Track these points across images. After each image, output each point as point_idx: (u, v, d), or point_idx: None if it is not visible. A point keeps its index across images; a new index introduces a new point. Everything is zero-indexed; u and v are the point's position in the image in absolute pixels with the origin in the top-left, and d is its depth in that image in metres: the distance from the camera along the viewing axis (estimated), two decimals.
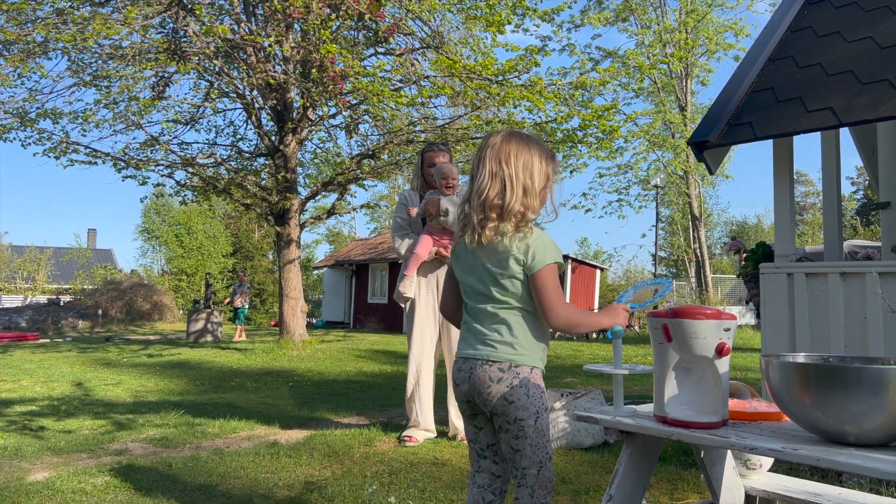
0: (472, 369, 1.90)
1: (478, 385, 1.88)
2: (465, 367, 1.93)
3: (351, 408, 5.75)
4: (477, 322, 1.93)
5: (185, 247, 32.00)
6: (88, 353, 11.43)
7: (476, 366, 1.89)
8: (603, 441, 4.06)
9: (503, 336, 1.89)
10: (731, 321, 1.73)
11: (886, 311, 3.25)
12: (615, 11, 24.89)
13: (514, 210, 1.84)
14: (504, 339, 1.89)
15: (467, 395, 1.93)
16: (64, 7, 10.07)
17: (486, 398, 1.88)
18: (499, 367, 1.88)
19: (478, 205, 1.85)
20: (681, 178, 25.39)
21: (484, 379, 1.88)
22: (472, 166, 1.93)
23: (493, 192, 1.84)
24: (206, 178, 12.55)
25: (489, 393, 1.87)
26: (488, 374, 1.87)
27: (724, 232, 45.44)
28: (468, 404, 1.95)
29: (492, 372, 1.88)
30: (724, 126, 3.60)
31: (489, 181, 1.85)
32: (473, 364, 1.90)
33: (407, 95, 10.40)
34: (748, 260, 4.09)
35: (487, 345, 1.89)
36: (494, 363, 1.88)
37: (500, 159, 1.86)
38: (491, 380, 1.87)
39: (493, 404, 1.88)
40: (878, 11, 3.73)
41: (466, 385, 1.91)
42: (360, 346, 13.14)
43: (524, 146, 1.89)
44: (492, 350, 1.89)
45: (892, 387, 1.43)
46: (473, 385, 1.90)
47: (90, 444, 4.28)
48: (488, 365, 1.88)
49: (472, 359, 1.90)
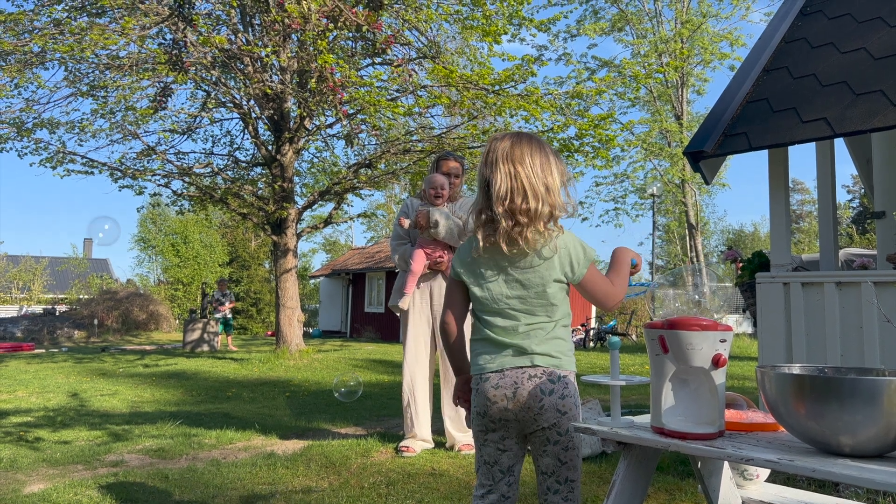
0: (516, 384, 1.79)
1: (527, 400, 1.79)
2: (504, 382, 1.80)
3: (348, 418, 5.74)
4: (507, 335, 1.83)
5: (181, 256, 31.95)
6: (84, 364, 11.39)
7: (523, 379, 1.79)
8: (600, 451, 4.06)
9: (544, 344, 1.82)
10: (726, 332, 1.74)
11: (882, 321, 3.26)
12: (611, 21, 25.02)
13: (543, 213, 1.77)
14: (546, 349, 1.82)
15: (507, 412, 1.81)
16: (61, 18, 10.09)
17: (538, 412, 1.80)
18: (548, 377, 1.80)
19: (504, 211, 1.75)
20: (677, 187, 25.46)
21: (535, 392, 1.79)
22: (483, 172, 1.82)
23: (518, 197, 1.75)
24: (202, 187, 12.56)
25: (541, 406, 1.79)
26: (539, 387, 1.79)
27: (721, 240, 45.56)
28: (500, 422, 1.83)
29: (543, 384, 1.79)
30: (719, 136, 3.62)
31: (510, 184, 1.76)
32: (518, 377, 1.79)
33: (404, 105, 10.43)
34: (744, 269, 4.10)
35: (529, 354, 1.81)
36: (543, 374, 1.80)
37: (515, 161, 1.78)
38: (543, 392, 1.79)
39: (544, 417, 1.80)
40: (871, 23, 3.76)
41: (509, 402, 1.80)
42: (356, 355, 13.12)
43: (535, 145, 1.82)
44: (540, 359, 1.81)
45: (886, 398, 1.43)
46: (519, 400, 1.79)
47: (86, 455, 4.26)
48: (537, 378, 1.79)
49: (515, 369, 1.80)
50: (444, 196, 4.23)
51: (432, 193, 4.21)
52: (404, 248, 4.35)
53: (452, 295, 1.95)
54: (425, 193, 4.30)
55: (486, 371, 1.84)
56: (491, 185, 1.79)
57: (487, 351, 1.86)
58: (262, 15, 10.28)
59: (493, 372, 1.83)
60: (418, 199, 4.45)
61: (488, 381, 1.83)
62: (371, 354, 13.42)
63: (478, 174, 1.86)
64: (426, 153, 11.76)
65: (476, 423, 1.90)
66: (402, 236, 4.40)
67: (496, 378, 1.82)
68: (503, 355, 1.83)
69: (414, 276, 4.21)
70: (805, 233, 41.07)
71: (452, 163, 4.44)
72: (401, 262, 4.34)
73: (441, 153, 4.62)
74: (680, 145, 23.63)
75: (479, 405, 1.87)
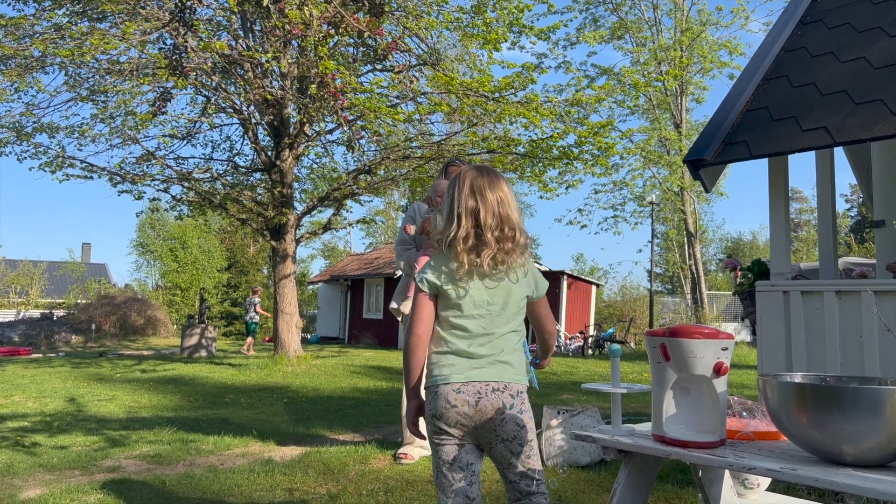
0: (479, 394, 1.88)
1: (489, 412, 1.88)
2: (467, 389, 1.89)
3: (346, 424, 5.72)
4: (480, 344, 1.92)
5: (179, 261, 31.92)
6: (81, 369, 11.36)
7: (487, 391, 1.89)
8: (600, 459, 4.05)
9: (509, 359, 1.94)
10: (728, 340, 1.74)
11: (882, 330, 3.26)
12: (610, 29, 25.11)
13: (522, 242, 1.94)
14: (510, 362, 1.93)
15: (465, 418, 1.89)
16: (62, 22, 10.10)
17: (499, 424, 1.89)
18: (510, 392, 1.91)
19: (495, 238, 1.90)
20: (676, 195, 25.48)
21: (498, 406, 1.89)
22: (464, 201, 1.94)
23: (506, 226, 1.91)
24: (202, 192, 12.55)
25: (502, 419, 1.89)
26: (502, 401, 1.89)
27: (720, 248, 45.57)
28: (456, 426, 1.90)
29: (505, 399, 1.90)
30: (719, 144, 3.62)
31: (499, 212, 1.92)
32: (482, 388, 1.89)
33: (404, 112, 10.45)
34: (744, 277, 4.10)
35: (497, 365, 1.92)
36: (505, 389, 1.90)
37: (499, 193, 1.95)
38: (504, 406, 1.89)
39: (504, 430, 1.90)
40: (870, 32, 3.77)
41: (470, 409, 1.88)
42: (355, 361, 13.09)
43: (506, 181, 2.01)
44: (501, 374, 1.91)
45: (888, 407, 1.43)
46: (481, 410, 1.88)
47: (83, 460, 4.24)
48: (500, 391, 1.89)
49: (481, 382, 1.89)
50: None
51: (439, 201, 4.16)
52: (409, 252, 4.36)
53: (424, 310, 1.97)
54: (431, 199, 4.28)
55: (449, 381, 1.90)
56: (479, 213, 1.91)
57: (454, 362, 1.92)
58: (263, 21, 10.30)
59: (459, 381, 1.90)
60: (425, 203, 4.43)
61: (449, 386, 1.90)
62: (369, 361, 13.39)
63: (454, 201, 1.96)
64: (426, 160, 11.76)
65: (431, 426, 1.95)
66: (407, 241, 4.39)
67: (459, 385, 1.90)
68: (471, 367, 1.91)
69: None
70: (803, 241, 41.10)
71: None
72: (405, 267, 4.35)
73: (451, 159, 4.53)
74: (679, 153, 23.67)
75: (435, 408, 1.92)
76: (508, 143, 10.97)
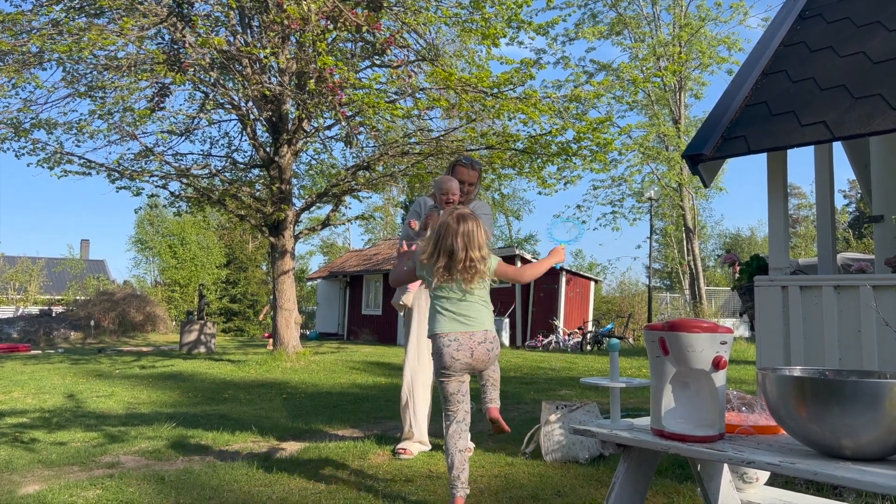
0: (472, 339, 2.95)
1: (481, 350, 2.97)
2: (462, 338, 2.95)
3: (345, 420, 5.73)
4: (463, 310, 2.97)
5: (178, 258, 31.89)
6: (80, 365, 11.36)
7: (477, 336, 2.96)
8: (599, 454, 4.05)
9: (487, 316, 3.03)
10: (727, 334, 1.74)
11: (881, 325, 3.26)
12: (609, 25, 25.09)
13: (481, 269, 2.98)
14: (487, 318, 3.03)
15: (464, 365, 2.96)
16: (59, 18, 10.07)
17: (485, 355, 2.99)
18: (491, 336, 3.02)
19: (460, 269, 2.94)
20: (675, 191, 25.50)
21: (486, 344, 2.99)
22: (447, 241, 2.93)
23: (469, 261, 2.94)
24: (200, 188, 12.54)
25: (488, 351, 3.00)
26: (488, 340, 3.00)
27: (718, 244, 45.59)
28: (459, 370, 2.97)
29: (488, 342, 3.00)
30: (718, 139, 3.61)
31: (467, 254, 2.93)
32: (473, 335, 2.96)
33: (402, 107, 10.43)
34: (742, 273, 4.10)
35: (481, 322, 2.99)
36: (489, 333, 3.01)
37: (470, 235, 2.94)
38: (489, 351, 3.01)
39: (489, 358, 3.01)
40: (870, 27, 3.77)
41: (468, 352, 2.95)
42: (354, 357, 13.10)
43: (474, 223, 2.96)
44: (484, 324, 3.00)
45: (888, 401, 1.43)
46: (476, 357, 2.96)
47: (82, 456, 4.24)
48: (483, 335, 2.98)
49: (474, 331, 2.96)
50: (453, 203, 4.12)
51: (443, 199, 4.07)
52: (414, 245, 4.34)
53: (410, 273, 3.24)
54: (435, 196, 4.23)
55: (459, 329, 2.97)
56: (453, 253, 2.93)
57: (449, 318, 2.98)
58: (261, 16, 10.28)
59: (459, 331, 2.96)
60: (431, 198, 4.40)
61: (449, 347, 2.95)
62: (368, 356, 13.40)
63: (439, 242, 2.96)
64: (424, 156, 11.75)
65: (441, 373, 3.00)
66: (411, 236, 4.37)
67: (455, 344, 2.95)
68: (460, 322, 2.97)
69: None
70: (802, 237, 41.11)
71: (469, 171, 4.30)
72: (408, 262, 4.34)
73: (459, 157, 4.41)
74: (677, 149, 23.67)
75: (443, 362, 2.96)
76: (507, 139, 10.97)
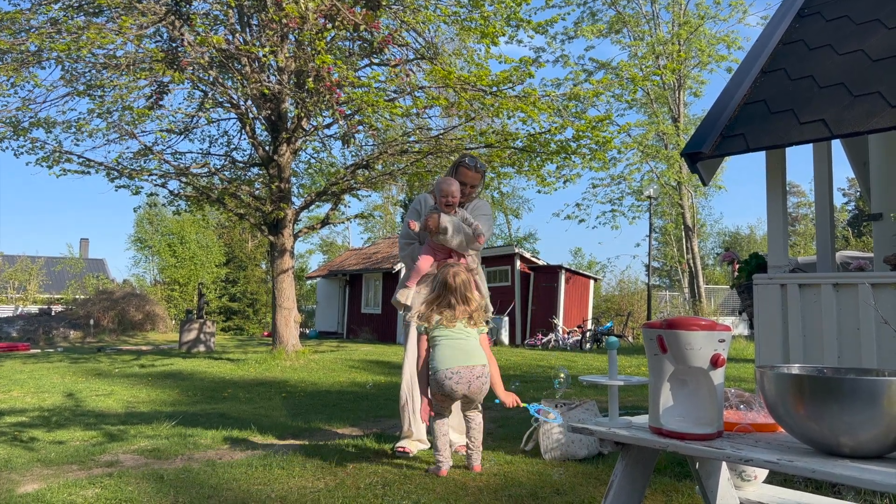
0: (471, 373, 3.59)
1: (477, 383, 3.60)
2: (464, 371, 3.59)
3: (344, 418, 5.73)
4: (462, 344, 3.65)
5: (177, 256, 31.87)
6: (80, 364, 11.36)
7: (476, 371, 3.61)
8: (597, 452, 4.05)
9: (482, 353, 3.69)
10: (725, 332, 1.74)
11: (879, 323, 3.26)
12: (608, 23, 25.07)
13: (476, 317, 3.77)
14: (482, 355, 3.69)
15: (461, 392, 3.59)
16: (58, 16, 10.06)
17: (480, 388, 3.62)
18: (487, 371, 3.66)
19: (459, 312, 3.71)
20: (674, 189, 25.50)
21: (482, 378, 3.63)
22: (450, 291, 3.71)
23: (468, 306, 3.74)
24: (199, 187, 12.53)
25: (482, 385, 3.63)
26: (484, 374, 3.64)
27: (717, 242, 45.61)
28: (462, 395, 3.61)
29: (484, 376, 3.64)
30: (717, 137, 3.61)
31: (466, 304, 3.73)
32: (472, 369, 3.60)
33: (401, 106, 10.42)
34: (741, 271, 4.10)
35: (479, 358, 3.65)
36: (485, 369, 3.65)
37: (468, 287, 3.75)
38: (484, 375, 3.64)
39: (482, 390, 3.63)
40: (868, 24, 3.76)
41: (467, 385, 3.58)
42: (353, 356, 13.10)
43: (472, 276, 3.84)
44: (482, 360, 3.66)
45: (886, 398, 1.43)
46: (473, 383, 3.59)
47: (81, 455, 4.24)
48: (481, 370, 3.63)
49: (474, 366, 3.62)
50: (454, 205, 4.09)
51: (443, 201, 4.06)
52: (412, 247, 4.34)
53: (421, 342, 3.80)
54: (435, 197, 4.22)
55: (461, 364, 3.60)
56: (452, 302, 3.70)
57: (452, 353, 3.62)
58: (260, 14, 10.27)
59: (463, 366, 3.59)
60: (432, 196, 4.39)
61: (451, 380, 3.57)
62: (368, 355, 13.40)
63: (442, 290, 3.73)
64: (423, 154, 11.75)
65: (440, 397, 3.67)
66: (411, 236, 4.37)
67: (457, 377, 3.58)
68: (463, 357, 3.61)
69: (418, 272, 4.19)
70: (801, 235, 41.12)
71: (472, 173, 4.27)
72: (407, 260, 4.35)
73: (463, 158, 4.36)
74: (676, 147, 23.67)
75: (444, 391, 3.61)
76: (506, 138, 10.96)
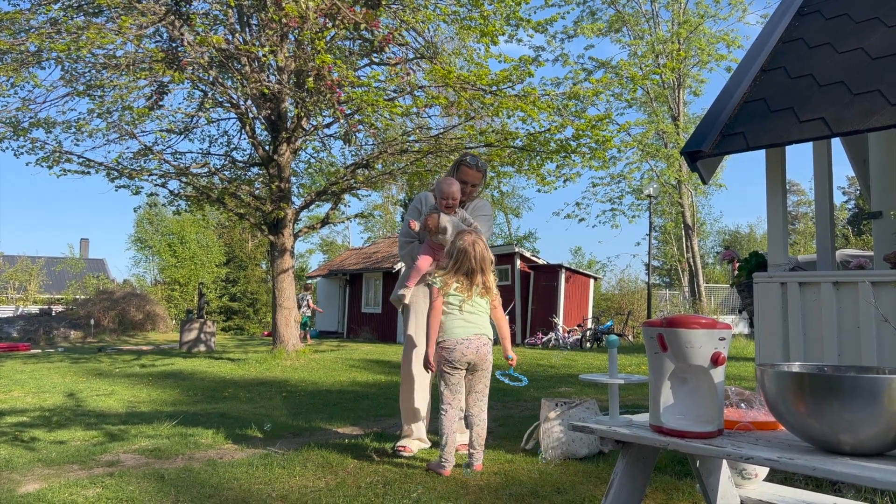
0: (479, 340, 3.70)
1: (482, 352, 3.71)
2: (473, 339, 3.69)
3: (345, 418, 5.73)
4: (473, 317, 3.73)
5: (178, 256, 31.89)
6: (80, 364, 11.36)
7: (483, 339, 3.73)
8: (598, 451, 4.05)
9: (488, 324, 3.79)
10: (725, 331, 1.74)
11: (879, 321, 3.26)
12: (608, 22, 25.06)
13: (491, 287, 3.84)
14: (489, 326, 3.80)
15: (469, 357, 3.68)
16: (58, 17, 10.06)
17: (484, 358, 3.73)
18: (491, 341, 3.80)
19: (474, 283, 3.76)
20: (674, 188, 25.50)
21: (488, 345, 3.76)
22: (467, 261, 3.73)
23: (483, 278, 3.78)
24: (199, 187, 12.53)
25: (487, 353, 3.74)
26: (488, 346, 3.76)
27: (717, 241, 45.61)
28: (463, 364, 3.69)
29: (490, 344, 3.78)
30: (717, 136, 3.61)
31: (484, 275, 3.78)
32: (480, 338, 3.71)
33: (401, 105, 10.42)
34: (741, 269, 4.10)
35: (486, 328, 3.77)
36: (488, 341, 3.78)
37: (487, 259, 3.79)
38: (488, 352, 3.75)
39: (486, 360, 3.73)
40: (868, 23, 3.76)
41: (473, 356, 3.68)
42: (353, 355, 13.10)
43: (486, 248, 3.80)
44: (488, 331, 3.80)
45: (886, 396, 1.43)
46: (479, 355, 3.69)
47: (82, 455, 4.24)
48: (487, 339, 3.77)
49: (482, 335, 3.74)
50: (454, 206, 4.09)
51: (443, 203, 4.04)
52: (412, 246, 4.35)
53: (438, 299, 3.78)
54: (435, 197, 4.21)
55: (469, 334, 3.70)
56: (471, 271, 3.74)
57: (462, 324, 3.70)
58: (260, 13, 10.27)
59: (470, 335, 3.69)
60: (432, 195, 4.38)
61: (462, 345, 3.67)
62: (368, 355, 13.40)
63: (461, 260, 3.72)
64: (423, 154, 11.74)
65: (448, 366, 3.68)
66: (410, 234, 4.37)
67: (467, 343, 3.67)
68: (471, 328, 3.71)
69: (418, 272, 4.19)
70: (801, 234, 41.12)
71: (474, 173, 4.27)
72: (406, 259, 4.35)
73: (465, 157, 4.35)
74: (676, 146, 23.67)
75: (453, 358, 3.66)
76: (506, 137, 10.96)
